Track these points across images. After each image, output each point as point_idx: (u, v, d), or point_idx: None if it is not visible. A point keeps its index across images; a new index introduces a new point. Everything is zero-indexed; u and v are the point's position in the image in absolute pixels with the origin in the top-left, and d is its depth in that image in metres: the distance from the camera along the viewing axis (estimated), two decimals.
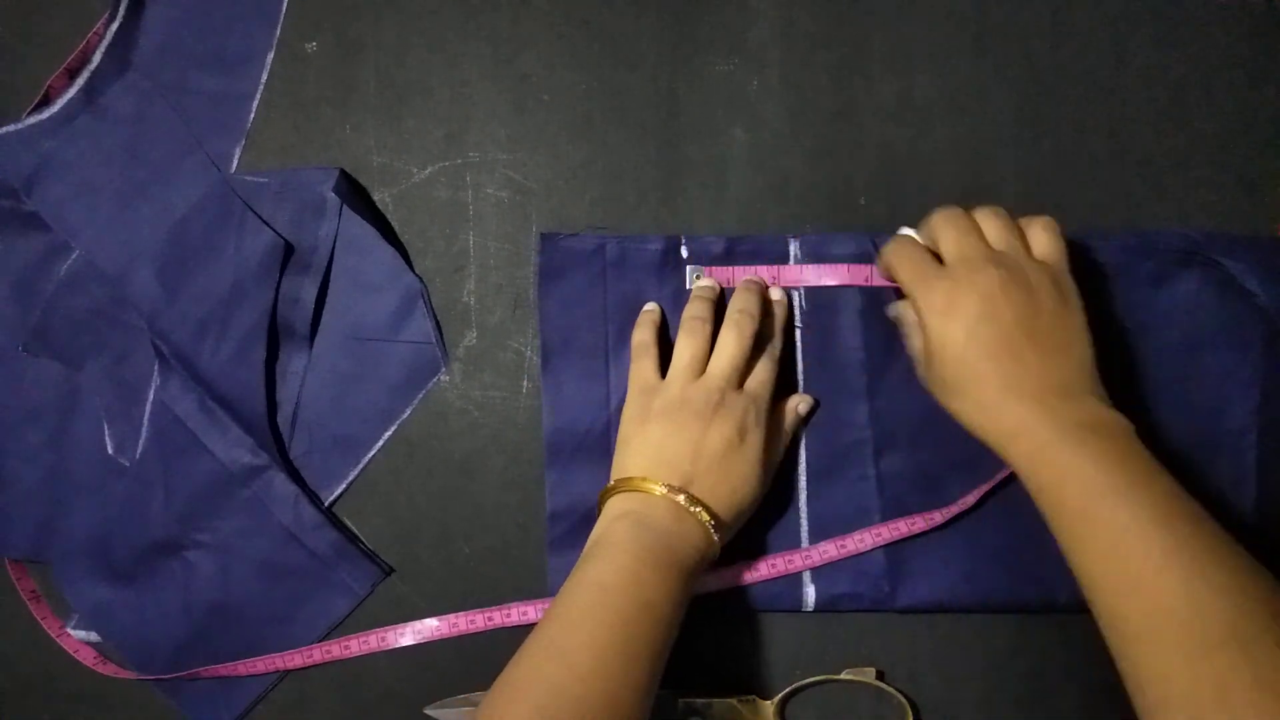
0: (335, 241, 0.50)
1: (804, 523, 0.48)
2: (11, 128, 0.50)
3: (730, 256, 0.49)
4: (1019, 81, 0.51)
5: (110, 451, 0.50)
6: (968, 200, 0.50)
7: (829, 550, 0.47)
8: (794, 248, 0.49)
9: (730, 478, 0.43)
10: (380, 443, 0.50)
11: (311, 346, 0.50)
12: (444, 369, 0.50)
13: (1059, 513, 0.38)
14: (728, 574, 0.47)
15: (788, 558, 0.47)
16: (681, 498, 0.41)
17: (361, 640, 0.48)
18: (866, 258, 0.49)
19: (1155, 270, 0.49)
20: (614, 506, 0.43)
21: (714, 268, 0.49)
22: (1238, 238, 0.49)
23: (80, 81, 0.50)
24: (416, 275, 0.50)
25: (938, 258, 0.44)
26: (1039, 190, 0.50)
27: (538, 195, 0.51)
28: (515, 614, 0.48)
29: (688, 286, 0.49)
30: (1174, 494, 0.37)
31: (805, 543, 0.48)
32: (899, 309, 0.46)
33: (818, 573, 0.48)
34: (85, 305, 0.50)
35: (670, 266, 0.49)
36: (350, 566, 0.49)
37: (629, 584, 0.39)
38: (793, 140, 0.51)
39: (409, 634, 0.49)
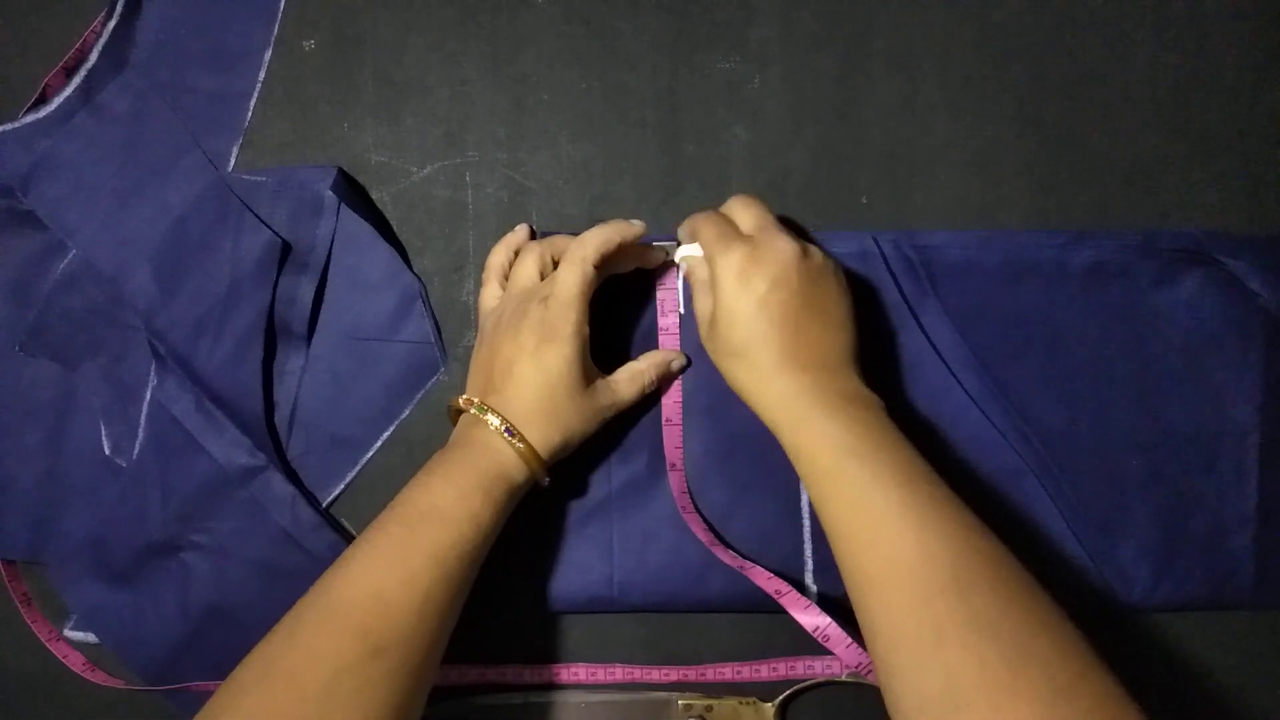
0: (333, 240, 0.50)
1: (806, 522, 0.48)
2: (8, 126, 0.50)
3: None
4: (1021, 80, 0.51)
5: (107, 452, 0.50)
6: (970, 199, 0.50)
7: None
8: None
9: (526, 385, 0.43)
10: (379, 443, 0.50)
11: (309, 346, 0.50)
12: (443, 369, 0.50)
13: (813, 471, 0.40)
14: (729, 575, 0.47)
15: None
16: (473, 408, 0.43)
17: None
18: (868, 257, 0.49)
19: (1158, 270, 0.49)
20: (452, 435, 0.44)
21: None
22: (1240, 237, 0.49)
23: (77, 80, 0.50)
24: (415, 275, 0.50)
25: None
26: (1041, 189, 0.50)
27: (537, 194, 0.51)
28: (510, 674, 0.48)
29: (675, 258, 0.48)
30: (914, 459, 0.39)
31: (807, 542, 0.48)
32: (690, 261, 0.46)
33: (820, 572, 0.47)
34: (82, 305, 0.50)
35: (670, 265, 0.49)
36: None
37: (418, 494, 0.41)
38: (794, 139, 0.51)
39: None
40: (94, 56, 0.50)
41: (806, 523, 0.48)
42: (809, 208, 0.50)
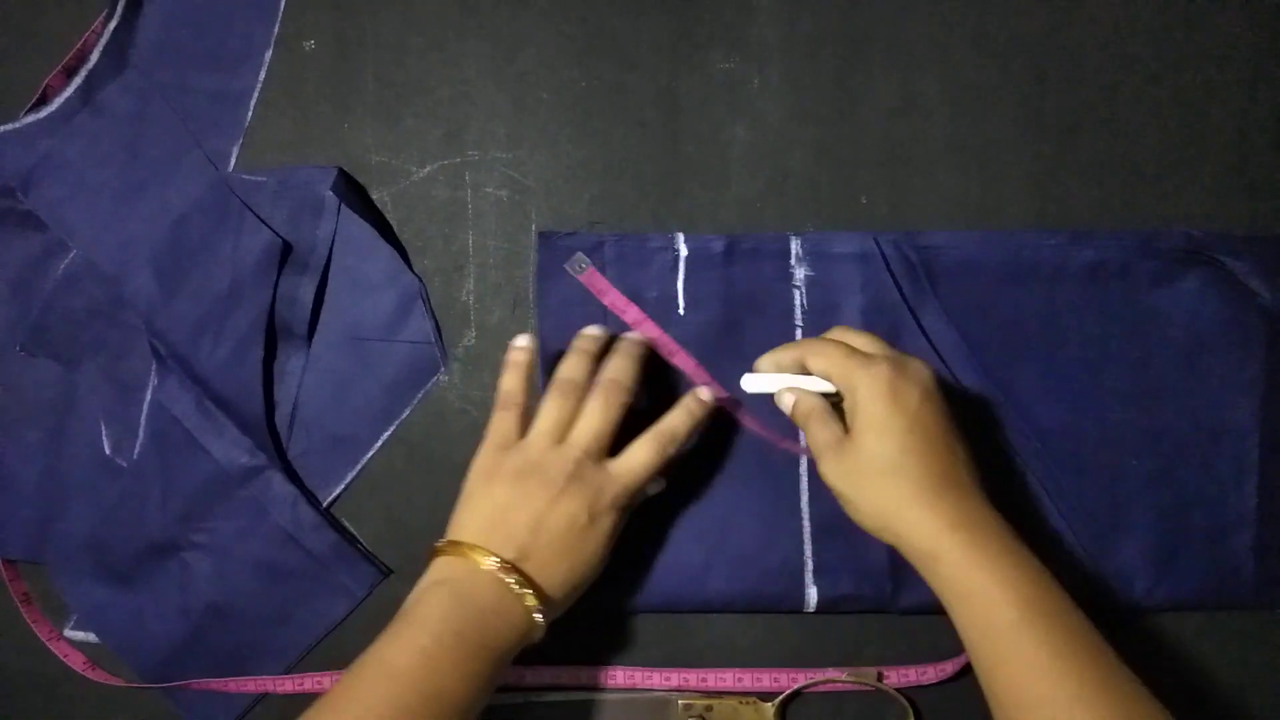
0: (333, 241, 0.50)
1: (806, 524, 0.48)
2: (9, 127, 0.50)
3: (731, 255, 0.49)
4: (1021, 80, 0.51)
5: (108, 452, 0.50)
6: (970, 199, 0.50)
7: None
8: (795, 246, 0.49)
9: (570, 558, 0.40)
10: (379, 443, 0.50)
11: (310, 346, 0.50)
12: (443, 369, 0.50)
13: (988, 624, 0.37)
14: (729, 575, 0.47)
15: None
16: (512, 578, 0.39)
17: None
18: (868, 257, 0.49)
19: (1157, 270, 0.49)
20: (438, 569, 0.40)
21: (592, 269, 0.49)
22: (1240, 237, 0.49)
23: (78, 80, 0.50)
24: (415, 275, 0.50)
25: None
26: (1040, 189, 0.50)
27: (537, 194, 0.51)
28: (511, 676, 0.48)
29: (572, 272, 0.48)
30: (1086, 622, 0.38)
31: (807, 543, 0.48)
32: (789, 399, 0.44)
33: (820, 573, 0.47)
34: (83, 305, 0.50)
35: (669, 266, 0.49)
36: (348, 568, 0.49)
37: (419, 670, 0.36)
38: (793, 138, 0.51)
39: None
40: (95, 57, 0.51)
41: (806, 523, 0.48)
42: (809, 208, 0.50)
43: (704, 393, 0.45)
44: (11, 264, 0.51)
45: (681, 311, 0.49)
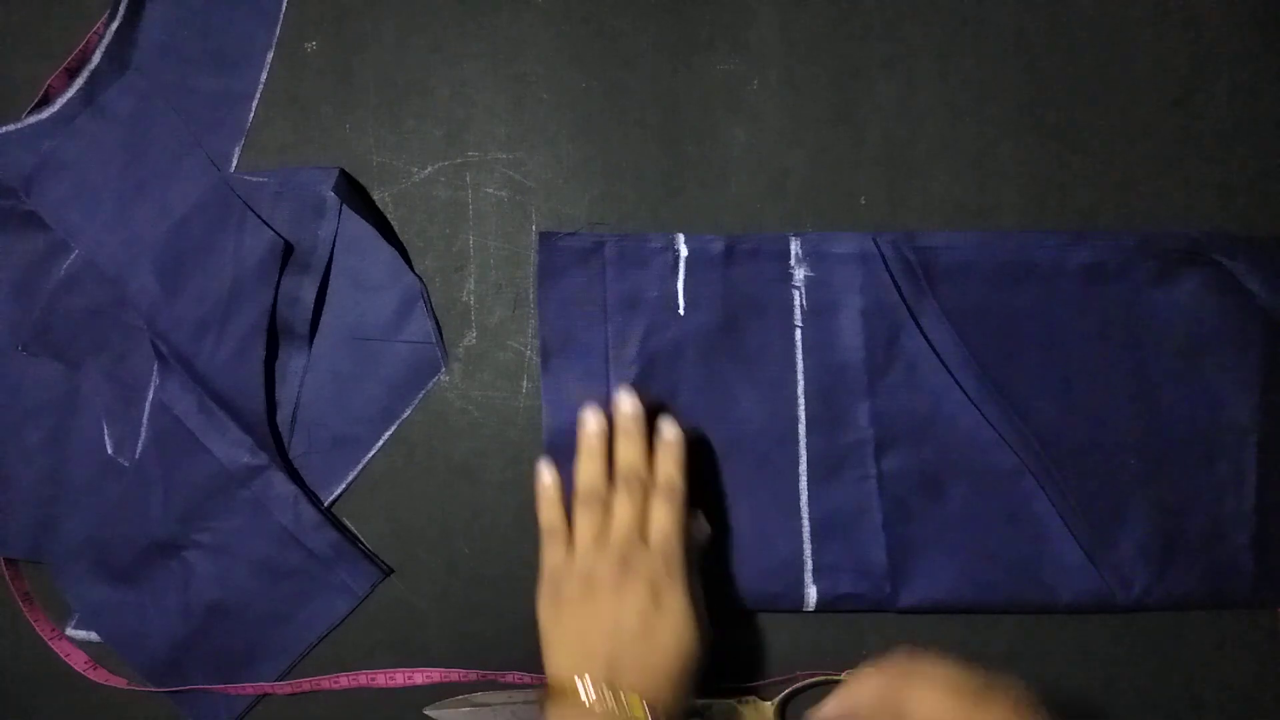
0: (335, 241, 0.50)
1: (805, 523, 0.48)
2: (11, 127, 0.50)
3: (731, 255, 0.49)
4: (1019, 80, 0.51)
5: (110, 451, 0.50)
6: (968, 200, 0.50)
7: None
8: (795, 246, 0.49)
9: (659, 647, 0.40)
10: (380, 443, 0.50)
11: (311, 346, 0.50)
12: (444, 369, 0.50)
13: None
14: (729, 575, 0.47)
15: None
16: (610, 697, 0.39)
17: (351, 677, 0.49)
18: (867, 258, 0.49)
19: (1156, 270, 0.49)
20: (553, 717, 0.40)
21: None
22: (1238, 237, 0.49)
23: (80, 81, 0.50)
24: (416, 275, 0.50)
25: None
26: (1039, 190, 0.50)
27: (537, 194, 0.51)
28: (513, 678, 0.48)
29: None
30: None
31: (806, 543, 0.48)
32: None
33: (819, 573, 0.47)
34: (84, 305, 0.50)
35: (669, 266, 0.49)
36: (350, 567, 0.49)
37: None
38: (792, 139, 0.51)
39: (399, 678, 0.49)
40: (97, 58, 0.51)
41: (806, 523, 0.48)
42: (808, 209, 0.50)
43: (668, 429, 0.45)
44: (14, 264, 0.51)
45: (682, 312, 0.49)
